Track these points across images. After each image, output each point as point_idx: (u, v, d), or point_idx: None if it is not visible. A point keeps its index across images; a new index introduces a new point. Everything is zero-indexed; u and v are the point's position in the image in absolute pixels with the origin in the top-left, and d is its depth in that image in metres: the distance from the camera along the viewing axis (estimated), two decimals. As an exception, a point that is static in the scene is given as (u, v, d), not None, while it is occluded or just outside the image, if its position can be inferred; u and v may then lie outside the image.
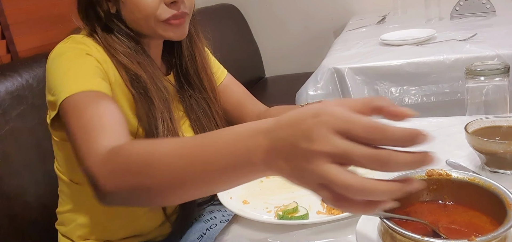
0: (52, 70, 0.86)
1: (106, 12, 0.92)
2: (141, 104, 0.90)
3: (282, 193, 0.87)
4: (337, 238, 0.72)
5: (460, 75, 1.48)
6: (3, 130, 1.11)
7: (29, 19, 1.58)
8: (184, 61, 1.04)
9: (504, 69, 1.00)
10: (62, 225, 1.02)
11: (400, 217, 0.60)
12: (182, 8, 0.92)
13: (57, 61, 0.86)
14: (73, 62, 0.85)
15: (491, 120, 0.85)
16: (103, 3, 0.92)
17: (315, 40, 3.04)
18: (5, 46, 1.50)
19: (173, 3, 0.91)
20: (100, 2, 0.92)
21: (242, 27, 2.95)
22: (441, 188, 0.66)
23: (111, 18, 0.93)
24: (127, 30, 0.93)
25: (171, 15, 0.91)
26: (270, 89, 2.86)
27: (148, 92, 0.90)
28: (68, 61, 0.85)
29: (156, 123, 0.89)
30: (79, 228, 0.98)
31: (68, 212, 1.00)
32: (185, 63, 1.04)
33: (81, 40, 0.90)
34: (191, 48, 1.05)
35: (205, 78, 1.06)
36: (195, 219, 1.10)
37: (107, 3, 0.93)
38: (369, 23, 2.40)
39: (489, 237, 0.52)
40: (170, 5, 0.91)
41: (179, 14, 0.92)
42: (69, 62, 0.85)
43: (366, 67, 1.62)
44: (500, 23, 1.91)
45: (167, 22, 0.92)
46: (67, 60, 0.85)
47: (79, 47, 0.88)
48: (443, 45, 1.68)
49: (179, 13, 0.92)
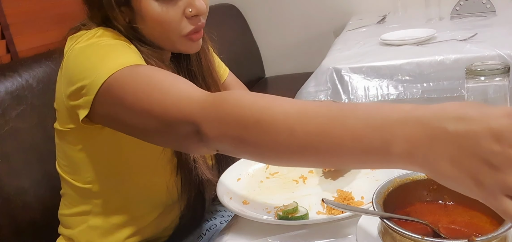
0: (82, 58, 0.77)
1: (126, 27, 0.86)
2: None
3: (282, 193, 0.87)
4: (337, 238, 0.72)
5: (460, 75, 1.48)
6: (3, 130, 1.11)
7: (29, 19, 1.58)
8: (191, 64, 1.03)
9: (505, 69, 1.00)
10: (69, 228, 0.98)
11: (400, 217, 0.60)
12: (202, 20, 0.91)
13: (89, 49, 0.78)
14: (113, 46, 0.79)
15: (491, 120, 0.84)
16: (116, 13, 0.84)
17: (315, 40, 3.04)
18: (5, 46, 1.50)
19: (194, 16, 0.89)
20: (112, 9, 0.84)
21: (242, 27, 2.94)
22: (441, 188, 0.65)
23: (132, 31, 0.87)
24: (146, 46, 0.89)
25: (192, 29, 0.89)
26: (270, 89, 2.86)
27: None
28: (106, 46, 0.78)
29: None
30: (90, 230, 0.95)
31: (77, 215, 0.97)
32: (191, 66, 1.03)
33: (105, 33, 0.82)
34: (198, 52, 1.03)
35: (210, 81, 1.04)
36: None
37: (119, 12, 0.85)
38: (369, 23, 2.40)
39: (489, 237, 0.52)
40: (191, 18, 0.89)
41: (198, 28, 0.91)
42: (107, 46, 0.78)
43: (366, 67, 1.62)
44: (501, 23, 1.91)
45: (189, 37, 0.90)
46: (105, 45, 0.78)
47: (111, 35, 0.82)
48: (443, 45, 1.68)
49: (198, 26, 0.91)
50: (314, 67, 1.77)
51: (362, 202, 0.79)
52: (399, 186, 0.65)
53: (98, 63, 0.74)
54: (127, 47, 0.81)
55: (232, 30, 2.83)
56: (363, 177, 0.88)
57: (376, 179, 0.85)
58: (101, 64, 0.73)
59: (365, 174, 0.89)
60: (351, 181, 0.88)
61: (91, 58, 0.76)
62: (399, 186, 0.65)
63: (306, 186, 0.89)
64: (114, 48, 0.79)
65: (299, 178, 0.92)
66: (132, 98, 0.69)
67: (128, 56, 0.77)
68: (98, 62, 0.74)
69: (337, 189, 0.84)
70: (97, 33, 0.82)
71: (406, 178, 0.66)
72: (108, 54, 0.76)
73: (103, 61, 0.74)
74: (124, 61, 0.73)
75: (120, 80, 0.71)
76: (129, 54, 0.78)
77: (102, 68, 0.72)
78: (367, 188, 0.82)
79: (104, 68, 0.72)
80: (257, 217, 0.78)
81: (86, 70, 0.75)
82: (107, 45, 0.79)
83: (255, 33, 3.01)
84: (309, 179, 0.92)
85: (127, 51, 0.79)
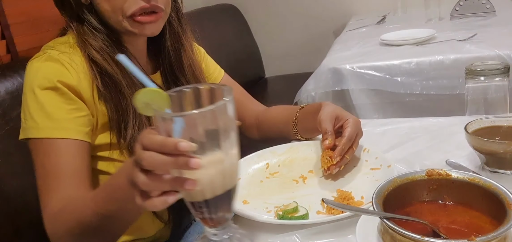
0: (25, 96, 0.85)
1: (77, 2, 0.88)
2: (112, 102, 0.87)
3: (282, 193, 0.87)
4: (337, 238, 0.72)
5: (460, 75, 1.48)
6: (3, 130, 1.11)
7: (29, 19, 1.58)
8: (169, 60, 1.00)
9: (504, 69, 1.01)
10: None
11: (400, 217, 0.60)
12: (153, 2, 0.86)
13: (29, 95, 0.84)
14: (43, 102, 0.83)
15: (491, 120, 0.85)
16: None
17: (315, 40, 3.04)
18: (5, 46, 1.50)
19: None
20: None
21: (242, 27, 2.94)
22: (441, 188, 0.66)
23: (82, 8, 0.89)
24: (99, 26, 0.89)
25: (138, 8, 0.85)
26: (270, 89, 2.86)
27: (120, 89, 0.87)
28: (39, 101, 0.83)
29: (127, 118, 0.87)
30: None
31: None
32: (170, 63, 1.01)
33: (56, 57, 0.85)
34: (177, 48, 1.01)
35: (192, 80, 1.03)
36: (194, 220, 1.10)
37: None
38: (369, 23, 2.40)
39: (489, 237, 0.52)
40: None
41: (148, 7, 0.86)
42: (39, 102, 0.83)
43: (366, 67, 1.62)
44: (500, 23, 1.91)
45: (134, 19, 0.87)
46: (39, 99, 0.83)
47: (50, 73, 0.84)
48: (443, 45, 1.68)
49: (149, 6, 0.86)
50: (314, 67, 1.77)
51: (362, 202, 0.79)
52: (399, 186, 0.65)
53: (29, 119, 0.84)
54: (57, 104, 0.84)
55: (232, 30, 2.83)
56: (363, 177, 0.88)
57: (376, 179, 0.85)
58: (31, 119, 0.84)
59: (365, 174, 0.89)
60: (351, 180, 0.88)
61: (29, 103, 0.85)
62: (399, 186, 0.65)
63: (306, 186, 0.89)
64: (42, 111, 0.83)
65: (299, 178, 0.92)
66: (35, 166, 0.85)
67: (47, 124, 0.83)
68: (29, 117, 0.84)
69: (337, 189, 0.84)
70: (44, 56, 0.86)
71: (406, 178, 0.66)
72: (37, 112, 0.83)
73: (32, 119, 0.84)
74: (38, 132, 0.83)
75: (36, 148, 0.84)
76: (49, 121, 0.83)
77: (31, 125, 0.83)
78: (367, 188, 0.82)
79: (33, 127, 0.83)
80: (257, 217, 0.78)
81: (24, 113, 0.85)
82: (40, 97, 0.84)
83: (255, 33, 3.01)
84: (309, 179, 0.92)
85: (54, 113, 0.83)
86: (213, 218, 0.63)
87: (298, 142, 1.06)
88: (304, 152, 1.01)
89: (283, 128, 1.10)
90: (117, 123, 0.87)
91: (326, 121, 0.92)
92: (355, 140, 0.91)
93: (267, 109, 1.19)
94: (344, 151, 0.87)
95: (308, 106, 1.06)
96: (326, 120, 0.92)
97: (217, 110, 0.57)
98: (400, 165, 0.91)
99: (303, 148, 1.02)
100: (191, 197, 0.62)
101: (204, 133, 0.57)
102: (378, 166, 0.89)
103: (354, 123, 0.91)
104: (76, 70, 0.85)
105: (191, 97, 0.63)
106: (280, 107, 1.18)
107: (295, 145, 1.04)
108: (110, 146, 0.89)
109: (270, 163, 0.99)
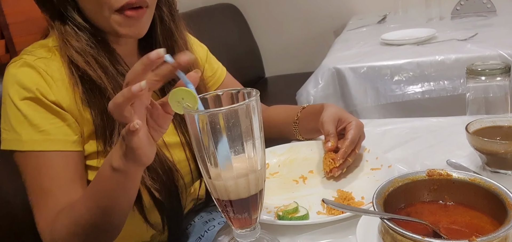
0: (4, 105, 0.82)
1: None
2: (97, 109, 0.83)
3: (282, 193, 0.87)
4: (337, 239, 0.72)
5: (461, 74, 1.48)
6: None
7: (28, 18, 1.58)
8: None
9: (505, 69, 1.00)
10: None
11: (401, 217, 0.60)
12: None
13: (8, 104, 0.81)
14: (25, 113, 0.79)
15: (492, 120, 0.84)
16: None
17: (315, 40, 3.04)
18: (4, 45, 1.50)
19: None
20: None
21: (242, 27, 2.94)
22: (441, 188, 0.65)
23: (65, 5, 0.83)
24: (85, 24, 0.84)
25: (125, 2, 0.80)
26: (270, 89, 2.85)
27: (105, 94, 0.82)
28: (20, 111, 0.80)
29: (113, 124, 0.82)
30: None
31: None
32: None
33: (32, 63, 0.81)
34: (170, 46, 0.95)
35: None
36: (193, 221, 1.09)
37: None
38: (370, 23, 2.40)
39: (489, 237, 0.52)
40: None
41: (135, 2, 0.81)
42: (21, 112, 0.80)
43: (366, 67, 1.62)
44: (501, 22, 1.91)
45: (123, 13, 0.81)
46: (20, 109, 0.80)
47: (28, 81, 0.80)
48: (444, 44, 1.68)
49: (135, 0, 0.81)
50: (314, 67, 1.76)
51: (363, 202, 0.78)
52: (399, 186, 0.65)
53: (11, 130, 0.81)
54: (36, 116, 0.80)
55: (232, 30, 2.83)
56: (364, 177, 0.88)
57: (376, 179, 0.85)
58: (14, 131, 0.80)
59: (365, 174, 0.89)
60: (352, 181, 0.88)
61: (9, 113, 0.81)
62: (399, 186, 0.65)
63: (306, 186, 0.89)
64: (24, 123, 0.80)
65: (299, 178, 0.92)
66: (24, 179, 0.82)
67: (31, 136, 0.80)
68: (10, 129, 0.81)
69: (338, 189, 0.84)
70: (20, 62, 0.82)
71: (407, 178, 0.66)
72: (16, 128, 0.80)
73: (14, 131, 0.80)
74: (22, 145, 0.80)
75: (23, 161, 0.81)
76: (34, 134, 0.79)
77: (15, 138, 0.80)
78: (367, 188, 0.82)
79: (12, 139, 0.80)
80: (257, 217, 0.77)
81: (5, 124, 0.82)
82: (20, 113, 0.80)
83: (255, 33, 3.01)
84: (309, 179, 0.91)
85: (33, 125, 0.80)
86: (238, 218, 0.65)
87: (298, 142, 1.05)
88: (304, 152, 1.01)
89: (284, 128, 1.10)
90: (103, 130, 0.83)
91: (329, 122, 0.91)
92: (358, 143, 0.90)
93: (267, 108, 1.18)
94: (347, 154, 0.87)
95: (310, 107, 1.06)
96: (328, 122, 0.92)
97: (239, 110, 0.59)
98: (400, 165, 0.91)
99: (303, 148, 1.02)
100: (217, 194, 0.64)
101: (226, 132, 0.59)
102: (379, 166, 0.89)
103: (357, 125, 0.90)
104: (53, 78, 0.81)
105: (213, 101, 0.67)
106: (281, 107, 1.17)
107: (295, 145, 1.04)
108: (97, 154, 0.85)
109: (270, 163, 0.99)
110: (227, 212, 0.65)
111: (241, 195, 0.63)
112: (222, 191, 0.63)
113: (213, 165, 0.62)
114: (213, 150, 0.60)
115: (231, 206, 0.64)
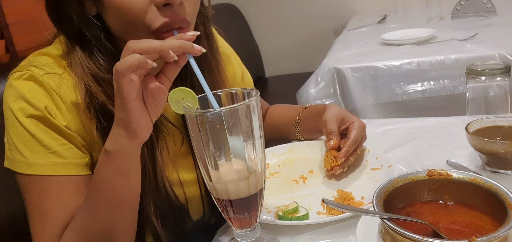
0: (7, 121, 0.74)
1: (80, 14, 0.72)
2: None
3: (282, 193, 0.87)
4: (337, 239, 0.72)
5: (460, 74, 1.48)
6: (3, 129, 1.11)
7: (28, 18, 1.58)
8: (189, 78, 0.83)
9: (505, 69, 1.00)
10: None
11: (401, 217, 0.60)
12: (178, 13, 0.69)
13: (11, 121, 0.73)
14: (32, 133, 0.72)
15: (492, 120, 0.84)
16: (73, 2, 0.71)
17: (315, 40, 3.04)
18: (4, 45, 1.50)
19: (167, 6, 0.68)
20: (70, 1, 0.71)
21: (242, 27, 2.94)
22: (441, 188, 0.65)
23: (87, 21, 0.72)
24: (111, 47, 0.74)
25: (163, 23, 0.69)
26: (270, 89, 2.85)
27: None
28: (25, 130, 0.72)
29: None
30: None
31: None
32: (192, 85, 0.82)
33: (40, 79, 0.73)
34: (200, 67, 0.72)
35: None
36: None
37: (83, 2, 0.72)
38: (370, 23, 2.40)
39: (489, 237, 0.52)
40: (162, 9, 0.68)
41: (172, 22, 0.69)
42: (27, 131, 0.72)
43: (366, 67, 1.62)
44: (501, 22, 1.91)
45: (160, 34, 0.69)
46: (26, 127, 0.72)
47: (34, 98, 0.72)
48: (444, 44, 1.68)
49: (172, 20, 0.69)
50: (314, 67, 1.76)
51: (363, 202, 0.78)
52: (399, 186, 0.65)
53: (15, 150, 0.73)
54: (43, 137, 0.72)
55: (232, 30, 2.83)
56: (364, 177, 0.88)
57: (376, 179, 0.85)
58: (17, 152, 0.73)
59: (365, 174, 0.89)
60: (352, 181, 0.88)
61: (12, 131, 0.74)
62: (399, 186, 0.65)
63: (306, 186, 0.89)
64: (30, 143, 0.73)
65: (299, 178, 0.92)
66: (25, 199, 0.75)
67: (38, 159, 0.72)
68: (14, 148, 0.73)
69: (338, 189, 0.84)
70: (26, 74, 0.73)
71: (407, 178, 0.66)
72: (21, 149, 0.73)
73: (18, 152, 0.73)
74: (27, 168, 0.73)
75: (26, 182, 0.74)
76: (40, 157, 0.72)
77: (18, 159, 0.73)
78: (367, 188, 0.82)
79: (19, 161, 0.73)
80: (257, 217, 0.77)
81: (8, 143, 0.75)
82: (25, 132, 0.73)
83: (255, 33, 3.01)
84: (310, 179, 0.91)
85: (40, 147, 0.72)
86: (238, 218, 0.66)
87: (298, 142, 1.05)
88: (304, 152, 1.01)
89: (285, 127, 1.10)
90: None
91: (332, 121, 0.92)
92: (360, 143, 0.91)
93: (268, 106, 1.19)
94: (349, 153, 0.88)
95: (312, 107, 1.06)
96: (331, 121, 0.92)
97: (239, 110, 0.59)
98: (400, 165, 0.91)
99: (303, 148, 1.02)
100: (217, 194, 0.64)
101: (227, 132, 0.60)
102: (379, 166, 0.89)
103: (359, 126, 0.91)
104: (63, 100, 0.73)
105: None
106: (282, 106, 1.17)
107: (295, 145, 1.04)
108: None
109: (270, 163, 0.99)
110: (227, 212, 0.65)
111: (241, 194, 0.63)
112: (222, 191, 0.63)
113: (213, 166, 0.62)
114: (213, 150, 0.60)
115: (231, 206, 0.64)
